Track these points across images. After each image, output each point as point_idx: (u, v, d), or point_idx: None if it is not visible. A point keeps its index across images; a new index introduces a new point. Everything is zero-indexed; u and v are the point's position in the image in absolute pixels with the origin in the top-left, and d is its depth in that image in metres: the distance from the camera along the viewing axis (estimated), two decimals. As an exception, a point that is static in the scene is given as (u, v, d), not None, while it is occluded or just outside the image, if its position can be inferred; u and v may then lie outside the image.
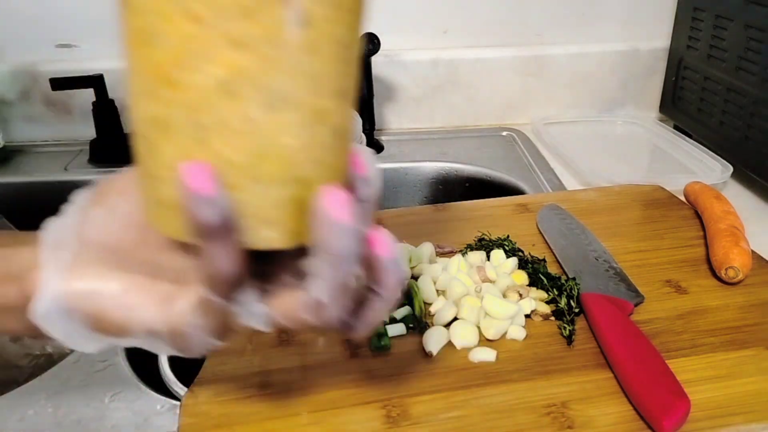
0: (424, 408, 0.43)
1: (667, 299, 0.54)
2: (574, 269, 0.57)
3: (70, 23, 0.93)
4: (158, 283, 0.32)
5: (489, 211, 0.70)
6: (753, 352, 0.48)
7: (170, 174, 0.26)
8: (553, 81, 1.00)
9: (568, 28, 0.99)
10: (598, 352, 0.48)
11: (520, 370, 0.46)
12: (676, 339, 0.49)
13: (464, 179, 0.88)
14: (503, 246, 0.60)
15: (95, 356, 0.52)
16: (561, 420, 0.42)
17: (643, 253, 0.61)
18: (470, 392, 0.44)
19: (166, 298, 0.31)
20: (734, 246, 0.56)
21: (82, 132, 0.95)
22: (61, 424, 0.45)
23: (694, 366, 0.46)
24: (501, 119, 1.02)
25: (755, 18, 0.75)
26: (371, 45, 0.81)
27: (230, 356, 0.48)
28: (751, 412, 0.42)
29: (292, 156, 0.27)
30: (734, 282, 0.55)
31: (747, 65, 0.76)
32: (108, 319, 0.31)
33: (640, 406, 0.42)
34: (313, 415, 0.43)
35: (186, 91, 0.25)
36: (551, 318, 0.52)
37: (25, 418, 0.46)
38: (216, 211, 0.26)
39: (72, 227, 0.32)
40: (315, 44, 0.26)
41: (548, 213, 0.67)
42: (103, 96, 0.87)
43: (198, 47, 0.25)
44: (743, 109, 0.77)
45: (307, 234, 0.28)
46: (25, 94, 0.94)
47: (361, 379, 0.46)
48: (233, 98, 0.25)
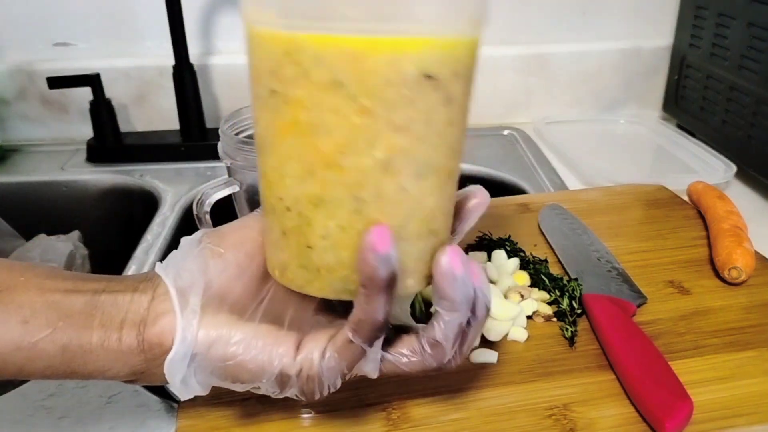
0: (425, 410, 0.43)
1: (670, 300, 0.54)
2: (576, 270, 0.57)
3: (66, 22, 0.92)
4: (282, 330, 0.34)
5: (490, 210, 0.69)
6: (756, 353, 0.47)
7: (324, 242, 0.30)
8: (555, 80, 0.99)
9: (570, 27, 0.99)
10: (601, 354, 0.47)
11: (521, 372, 0.46)
12: (678, 340, 0.49)
13: (464, 179, 0.87)
14: (504, 246, 0.59)
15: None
16: (563, 422, 0.41)
17: (645, 254, 0.61)
18: (471, 394, 0.44)
19: (294, 344, 0.34)
20: (737, 246, 0.56)
21: (79, 131, 0.95)
22: (60, 424, 0.45)
23: (697, 367, 0.46)
24: (502, 118, 1.01)
25: (758, 16, 0.74)
26: (371, 43, 0.81)
27: (228, 358, 0.48)
28: (755, 414, 0.42)
29: (431, 213, 0.32)
30: (737, 282, 0.55)
31: (750, 64, 0.76)
32: (241, 366, 0.33)
33: (643, 407, 0.41)
34: (312, 417, 0.42)
35: (348, 173, 0.29)
36: (553, 319, 0.51)
37: (23, 419, 0.45)
38: (388, 267, 0.29)
39: (198, 275, 0.34)
40: (454, 117, 0.30)
41: (550, 213, 0.67)
42: (99, 95, 0.86)
43: (364, 135, 0.28)
44: (746, 108, 0.77)
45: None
46: (21, 93, 0.94)
47: (360, 380, 0.45)
48: (390, 173, 0.29)
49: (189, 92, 0.86)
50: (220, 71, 0.93)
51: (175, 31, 0.82)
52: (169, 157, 0.88)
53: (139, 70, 0.93)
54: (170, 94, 0.88)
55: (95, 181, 0.85)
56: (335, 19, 0.27)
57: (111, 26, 0.93)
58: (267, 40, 0.29)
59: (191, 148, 0.89)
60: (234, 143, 0.50)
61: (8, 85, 0.93)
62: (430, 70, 0.28)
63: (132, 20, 0.93)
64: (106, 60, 0.93)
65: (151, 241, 0.69)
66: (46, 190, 0.86)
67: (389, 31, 0.27)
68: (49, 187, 0.85)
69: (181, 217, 0.76)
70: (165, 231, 0.71)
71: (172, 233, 0.72)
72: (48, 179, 0.85)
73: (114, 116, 0.89)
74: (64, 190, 0.86)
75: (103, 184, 0.85)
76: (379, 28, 0.27)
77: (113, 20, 0.93)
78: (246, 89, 0.32)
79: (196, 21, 0.93)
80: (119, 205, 0.86)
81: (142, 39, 0.94)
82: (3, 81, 0.92)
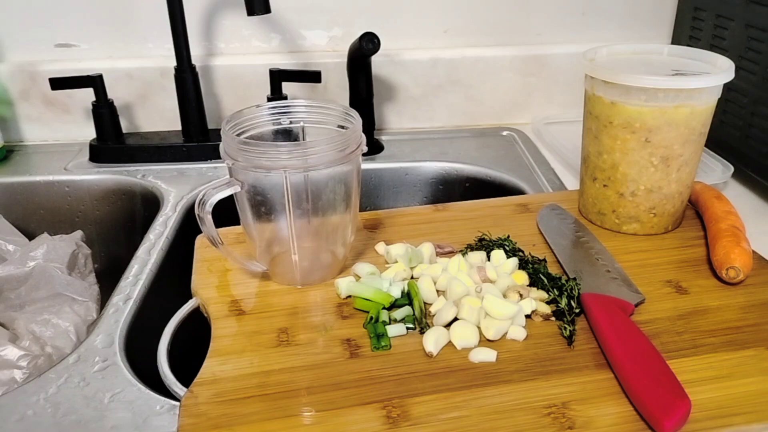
0: (425, 408, 0.43)
1: (668, 299, 0.54)
2: (574, 269, 0.57)
3: (69, 23, 0.93)
4: None
5: (489, 211, 0.70)
6: (754, 352, 0.48)
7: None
8: (554, 80, 1.00)
9: (569, 28, 0.99)
10: (599, 353, 0.48)
11: (520, 371, 0.46)
12: (676, 339, 0.49)
13: (464, 179, 0.88)
14: (503, 246, 0.60)
15: (95, 356, 0.52)
16: (561, 420, 0.42)
17: (643, 253, 0.61)
18: (470, 393, 0.44)
19: None
20: (735, 246, 0.56)
21: (82, 132, 0.95)
22: (61, 424, 0.45)
23: (695, 366, 0.46)
24: (501, 119, 1.02)
25: (756, 18, 0.75)
26: (371, 45, 0.81)
27: (230, 356, 0.48)
28: (752, 413, 0.42)
29: None
30: (735, 282, 0.55)
31: (748, 65, 0.76)
32: None
33: (641, 406, 0.42)
34: (313, 415, 0.43)
35: None
36: (552, 318, 0.52)
37: (24, 418, 0.46)
38: None
39: None
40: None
41: (549, 213, 0.67)
42: (102, 96, 0.87)
43: None
44: (744, 108, 0.77)
45: None
46: (24, 93, 0.94)
47: (361, 379, 0.46)
48: None
49: (191, 93, 0.87)
50: (222, 72, 0.94)
51: (177, 32, 0.83)
52: (171, 158, 0.89)
53: (142, 71, 0.94)
54: (172, 95, 0.88)
55: (98, 181, 0.85)
56: None
57: (113, 27, 0.94)
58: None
59: (193, 149, 0.89)
60: (235, 144, 0.51)
61: (11, 85, 0.93)
62: None
63: (134, 21, 0.93)
64: (108, 61, 0.93)
65: (154, 241, 0.70)
66: (49, 191, 0.86)
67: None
68: (51, 187, 0.86)
69: (183, 217, 0.76)
70: (167, 231, 0.72)
71: (174, 233, 0.72)
72: (51, 179, 0.86)
73: (116, 117, 0.89)
74: (66, 190, 0.86)
75: (105, 184, 0.85)
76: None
77: (115, 21, 0.93)
78: (246, 89, 0.32)
79: (197, 22, 0.93)
80: (121, 206, 0.86)
81: (144, 40, 0.95)
82: (6, 82, 0.93)
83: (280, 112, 0.58)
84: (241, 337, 0.50)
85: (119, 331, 0.55)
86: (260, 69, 0.92)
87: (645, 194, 0.62)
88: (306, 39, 0.96)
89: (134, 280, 0.63)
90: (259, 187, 0.52)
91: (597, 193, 0.65)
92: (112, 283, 0.63)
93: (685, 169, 0.61)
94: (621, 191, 0.62)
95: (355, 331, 0.51)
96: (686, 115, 0.58)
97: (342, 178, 0.54)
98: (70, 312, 0.67)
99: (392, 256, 0.59)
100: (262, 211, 0.54)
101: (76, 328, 0.66)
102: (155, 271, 0.65)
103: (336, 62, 0.94)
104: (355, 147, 0.53)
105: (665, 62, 0.64)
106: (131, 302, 0.59)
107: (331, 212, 0.55)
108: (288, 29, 0.96)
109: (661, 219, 0.63)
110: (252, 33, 0.95)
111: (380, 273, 0.57)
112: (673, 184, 0.61)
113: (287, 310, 0.54)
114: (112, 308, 0.58)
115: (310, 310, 0.54)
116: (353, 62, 0.87)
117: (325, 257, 0.58)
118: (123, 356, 0.52)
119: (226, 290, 0.57)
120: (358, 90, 0.89)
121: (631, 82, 0.57)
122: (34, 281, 0.71)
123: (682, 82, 0.56)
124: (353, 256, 0.61)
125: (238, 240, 0.64)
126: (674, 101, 0.57)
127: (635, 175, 0.61)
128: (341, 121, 0.56)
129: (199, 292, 0.57)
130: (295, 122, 0.58)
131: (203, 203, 0.51)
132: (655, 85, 0.57)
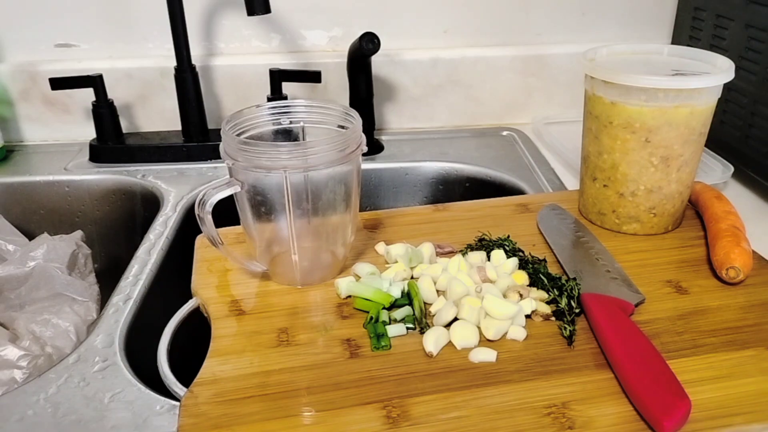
0: (425, 408, 0.43)
1: (668, 299, 0.54)
2: (574, 269, 0.57)
3: (69, 23, 0.93)
4: None
5: (489, 211, 0.70)
6: (754, 352, 0.48)
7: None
8: (554, 80, 1.00)
9: (569, 28, 0.99)
10: (599, 353, 0.48)
11: (520, 371, 0.46)
12: (676, 339, 0.49)
13: (464, 179, 0.88)
14: (503, 246, 0.60)
15: (95, 356, 0.52)
16: (561, 420, 0.42)
17: (643, 253, 0.61)
18: (470, 393, 0.44)
19: None
20: (735, 246, 0.56)
21: (82, 132, 0.95)
22: (61, 424, 0.45)
23: (695, 366, 0.46)
24: (501, 119, 1.02)
25: (756, 18, 0.75)
26: (371, 45, 0.81)
27: (230, 356, 0.48)
28: (752, 413, 0.42)
29: None
30: (735, 282, 0.55)
31: (748, 65, 0.76)
32: None
33: (641, 406, 0.42)
34: (313, 415, 0.43)
35: None
36: (552, 318, 0.52)
37: (24, 418, 0.46)
38: None
39: None
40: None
41: (549, 213, 0.67)
42: (102, 96, 0.87)
43: None
44: (744, 108, 0.77)
45: None
46: (24, 93, 0.94)
47: (361, 379, 0.46)
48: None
49: (191, 93, 0.87)
50: (222, 72, 0.94)
51: (177, 32, 0.83)
52: (171, 158, 0.89)
53: (142, 71, 0.94)
54: (172, 95, 0.89)
55: (98, 181, 0.85)
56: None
57: (113, 27, 0.94)
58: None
59: (193, 149, 0.89)
60: (235, 144, 0.51)
61: (11, 85, 0.93)
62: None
63: (134, 21, 0.93)
64: (108, 61, 0.93)
65: (154, 241, 0.70)
66: (49, 191, 0.86)
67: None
68: (51, 187, 0.86)
69: (183, 217, 0.76)
70: (167, 231, 0.72)
71: (174, 233, 0.72)
72: (51, 179, 0.86)
73: (116, 117, 0.89)
74: (66, 190, 0.86)
75: (105, 184, 0.85)
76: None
77: (115, 21, 0.93)
78: (246, 89, 0.32)
79: (197, 22, 0.93)
80: (121, 206, 0.86)
81: (144, 40, 0.95)
82: (6, 82, 0.93)
83: (280, 112, 0.58)
84: (241, 337, 0.50)
85: (119, 331, 0.55)
86: (260, 69, 0.92)
87: (645, 194, 0.62)
88: (306, 39, 0.96)
89: (134, 280, 0.63)
90: (259, 187, 0.52)
91: (597, 193, 0.65)
92: (112, 283, 0.64)
93: (685, 169, 0.61)
94: (621, 191, 0.63)
95: (355, 331, 0.51)
96: (686, 115, 0.58)
97: (342, 178, 0.54)
98: (70, 312, 0.67)
99: (392, 256, 0.59)
100: (262, 211, 0.54)
101: (76, 328, 0.66)
102: (155, 271, 0.65)
103: (336, 62, 0.94)
104: (355, 147, 0.53)
105: (665, 62, 0.64)
106: (131, 302, 0.59)
107: (331, 212, 0.55)
108: (288, 29, 0.96)
109: (661, 219, 0.63)
110: (252, 33, 0.95)
111: (380, 273, 0.57)
112: (673, 184, 0.61)
113: (287, 310, 0.54)
114: (112, 308, 0.58)
115: (310, 310, 0.54)
116: (353, 62, 0.87)
117: (325, 257, 0.58)
118: (123, 356, 0.52)
119: (226, 290, 0.57)
120: (358, 90, 0.89)
121: (631, 82, 0.57)
122: (34, 281, 0.71)
123: (682, 82, 0.56)
124: (353, 256, 0.61)
125: (238, 240, 0.64)
126: (674, 101, 0.57)
127: (635, 175, 0.61)
128: (341, 121, 0.56)
129: (199, 292, 0.57)
130: (295, 122, 0.58)
131: (203, 203, 0.51)
132: (655, 85, 0.57)
